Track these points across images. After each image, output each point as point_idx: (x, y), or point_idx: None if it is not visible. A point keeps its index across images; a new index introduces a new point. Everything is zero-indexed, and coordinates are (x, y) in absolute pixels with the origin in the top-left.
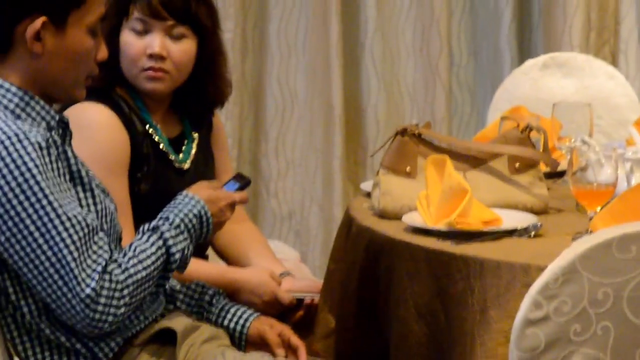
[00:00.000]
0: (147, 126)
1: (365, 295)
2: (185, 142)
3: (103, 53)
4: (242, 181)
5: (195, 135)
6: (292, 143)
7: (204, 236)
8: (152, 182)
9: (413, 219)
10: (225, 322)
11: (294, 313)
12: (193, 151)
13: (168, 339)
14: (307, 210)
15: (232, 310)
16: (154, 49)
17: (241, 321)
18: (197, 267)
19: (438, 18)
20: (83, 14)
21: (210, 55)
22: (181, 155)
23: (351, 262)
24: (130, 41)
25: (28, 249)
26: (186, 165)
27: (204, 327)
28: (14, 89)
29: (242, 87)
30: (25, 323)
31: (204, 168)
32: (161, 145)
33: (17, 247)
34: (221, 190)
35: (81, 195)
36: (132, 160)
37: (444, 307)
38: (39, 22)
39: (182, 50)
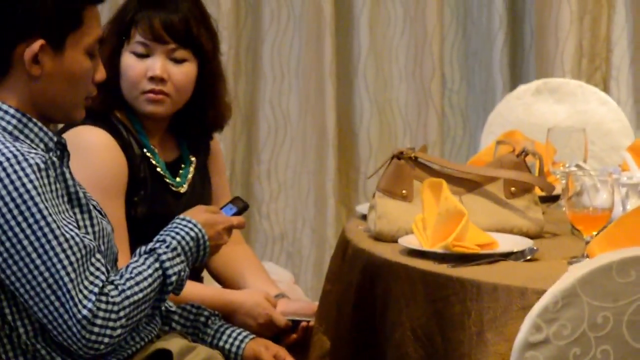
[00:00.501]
0: (145, 149)
1: (361, 317)
2: (183, 165)
3: (101, 74)
4: (240, 205)
5: (193, 159)
6: (285, 165)
7: (200, 259)
8: (149, 206)
9: (409, 241)
10: (221, 343)
11: (289, 335)
12: (190, 175)
13: (164, 359)
14: (299, 232)
15: (228, 332)
16: (155, 71)
17: (237, 342)
18: (192, 289)
19: (430, 41)
20: (80, 36)
21: (210, 78)
22: (178, 179)
23: (347, 284)
24: (131, 63)
25: (25, 270)
26: (183, 189)
27: (199, 348)
28: (12, 110)
29: (235, 109)
30: (21, 343)
31: (201, 191)
32: (158, 169)
33: (15, 267)
34: (219, 214)
35: (79, 216)
36: (129, 184)
37: (440, 330)
38: (37, 45)
39: (183, 73)
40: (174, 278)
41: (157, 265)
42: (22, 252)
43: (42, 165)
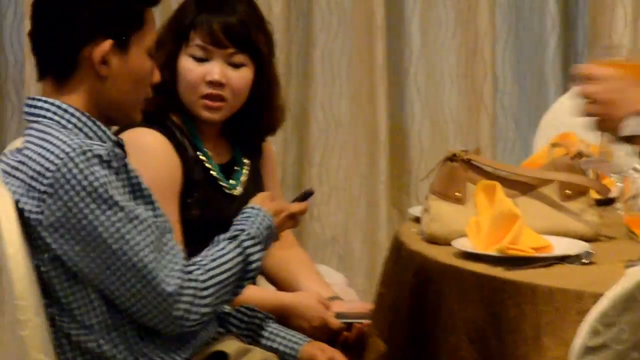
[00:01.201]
0: (199, 152)
1: (415, 320)
2: (236, 168)
3: (157, 76)
4: (304, 192)
5: (246, 161)
6: (336, 168)
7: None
8: (203, 208)
9: (463, 244)
10: (276, 346)
11: (343, 336)
12: (244, 177)
13: None
14: (351, 234)
15: (283, 334)
16: (213, 75)
17: (292, 345)
18: (247, 292)
19: (482, 44)
20: (142, 36)
21: (266, 83)
22: (232, 181)
23: (400, 287)
24: (190, 67)
25: (104, 256)
26: (237, 192)
27: (255, 351)
28: (71, 109)
29: (286, 112)
30: (86, 343)
31: (254, 193)
32: (212, 172)
33: (93, 254)
34: (282, 202)
35: (142, 207)
36: (183, 186)
37: (495, 333)
38: (107, 44)
39: (241, 77)
40: (255, 265)
41: (239, 250)
42: (99, 239)
43: (105, 157)
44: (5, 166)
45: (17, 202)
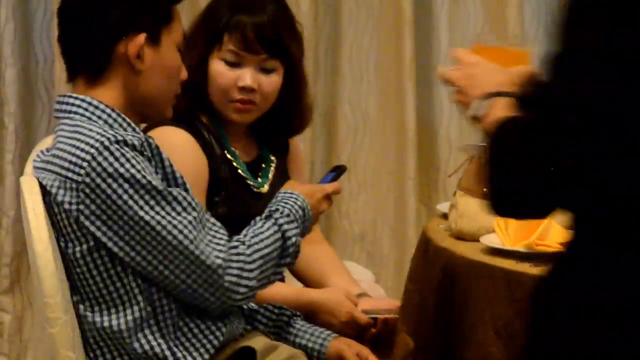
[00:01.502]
0: (226, 151)
1: (443, 316)
2: (264, 165)
3: (185, 74)
4: (337, 169)
5: (273, 158)
6: (364, 164)
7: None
8: (230, 206)
9: (491, 240)
10: (304, 342)
11: (371, 333)
12: (271, 174)
13: (247, 358)
14: (379, 231)
15: (310, 331)
16: (246, 81)
17: (320, 341)
18: (274, 288)
19: (511, 40)
20: (172, 30)
21: (295, 83)
22: (260, 179)
23: (428, 284)
24: (221, 71)
25: (148, 238)
26: (265, 190)
27: (282, 347)
28: (102, 106)
29: (314, 109)
30: (118, 339)
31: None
32: (239, 170)
33: (137, 237)
34: (315, 185)
35: (179, 190)
36: (210, 184)
37: (523, 329)
38: (141, 38)
39: (272, 82)
40: (291, 241)
41: (276, 227)
42: (141, 222)
43: (139, 148)
44: (37, 163)
45: (54, 195)
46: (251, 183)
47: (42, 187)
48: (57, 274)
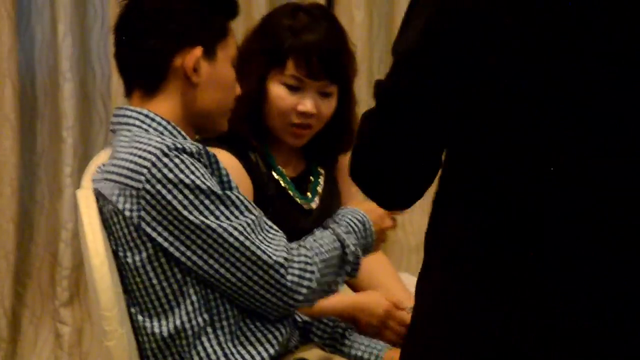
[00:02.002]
0: (273, 171)
1: None
2: (312, 178)
3: (238, 88)
4: None
5: (322, 171)
6: None
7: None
8: (278, 224)
9: None
10: (359, 354)
11: None
12: (320, 188)
13: None
14: None
15: (366, 342)
16: (307, 107)
17: (375, 352)
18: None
19: None
20: (226, 45)
21: (348, 104)
22: (309, 194)
23: None
24: (282, 95)
25: (209, 241)
26: (315, 204)
27: (337, 359)
28: (158, 118)
29: None
30: (177, 346)
31: (331, 203)
32: (287, 189)
33: (199, 241)
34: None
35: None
36: (256, 203)
37: None
38: (198, 51)
39: (329, 106)
40: (350, 249)
41: (334, 237)
42: (202, 226)
43: (196, 155)
44: (97, 175)
45: (115, 203)
46: (300, 201)
47: (102, 197)
48: (113, 287)
